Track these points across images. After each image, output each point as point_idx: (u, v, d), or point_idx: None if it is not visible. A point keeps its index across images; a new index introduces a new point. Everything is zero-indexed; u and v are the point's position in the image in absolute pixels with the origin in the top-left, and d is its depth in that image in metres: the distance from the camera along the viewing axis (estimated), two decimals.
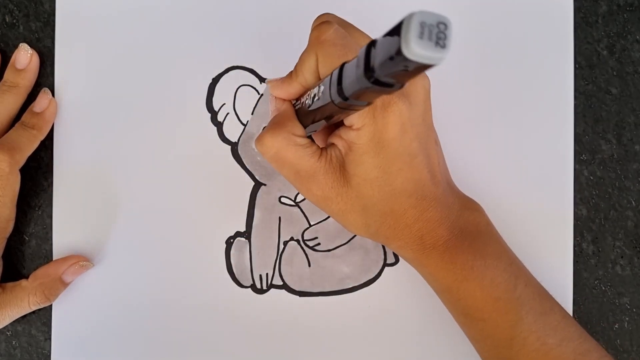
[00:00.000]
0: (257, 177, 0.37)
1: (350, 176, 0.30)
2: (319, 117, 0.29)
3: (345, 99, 0.25)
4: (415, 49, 0.18)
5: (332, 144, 0.31)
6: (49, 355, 0.37)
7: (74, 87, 0.38)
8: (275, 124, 0.31)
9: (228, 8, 0.38)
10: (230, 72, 0.37)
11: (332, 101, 0.26)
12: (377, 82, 0.22)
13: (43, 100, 0.37)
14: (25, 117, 0.36)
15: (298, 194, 0.37)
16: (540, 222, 0.37)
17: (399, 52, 0.19)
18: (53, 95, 0.37)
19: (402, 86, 0.22)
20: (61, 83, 0.38)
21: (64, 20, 0.38)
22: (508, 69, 0.37)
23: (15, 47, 0.37)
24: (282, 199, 0.37)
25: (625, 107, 0.37)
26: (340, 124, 0.30)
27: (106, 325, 0.37)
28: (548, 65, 0.37)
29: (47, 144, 0.37)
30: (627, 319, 0.37)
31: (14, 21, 0.38)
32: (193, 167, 0.37)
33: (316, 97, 0.28)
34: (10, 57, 0.37)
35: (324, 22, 0.29)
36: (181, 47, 0.37)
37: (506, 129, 0.37)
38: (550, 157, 0.37)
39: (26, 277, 0.36)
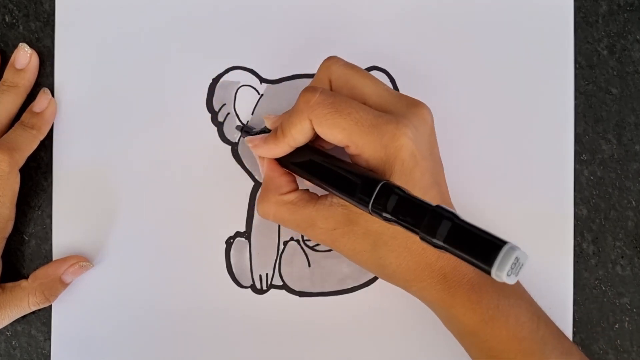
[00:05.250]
0: (257, 177, 0.37)
1: (356, 214, 0.30)
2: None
3: (381, 215, 0.26)
4: (501, 276, 0.21)
5: None
6: (49, 356, 0.37)
7: (74, 87, 0.37)
8: (263, 190, 0.32)
9: (228, 8, 0.37)
10: (231, 72, 0.37)
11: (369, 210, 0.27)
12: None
13: (43, 100, 0.36)
14: (24, 117, 0.36)
15: None
16: (540, 222, 0.37)
17: (487, 271, 0.22)
18: (53, 95, 0.37)
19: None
20: (61, 83, 0.37)
21: (64, 20, 0.38)
22: (508, 69, 0.37)
23: (15, 47, 0.37)
24: None
25: (626, 107, 0.37)
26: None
27: (106, 325, 0.37)
28: (548, 65, 0.37)
29: (46, 144, 0.37)
30: (627, 319, 0.37)
31: (14, 21, 0.38)
32: (193, 167, 0.37)
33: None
34: (9, 57, 0.37)
35: (310, 88, 0.30)
36: (181, 47, 0.37)
37: (506, 129, 0.37)
38: (551, 157, 0.37)
39: (26, 277, 0.36)
